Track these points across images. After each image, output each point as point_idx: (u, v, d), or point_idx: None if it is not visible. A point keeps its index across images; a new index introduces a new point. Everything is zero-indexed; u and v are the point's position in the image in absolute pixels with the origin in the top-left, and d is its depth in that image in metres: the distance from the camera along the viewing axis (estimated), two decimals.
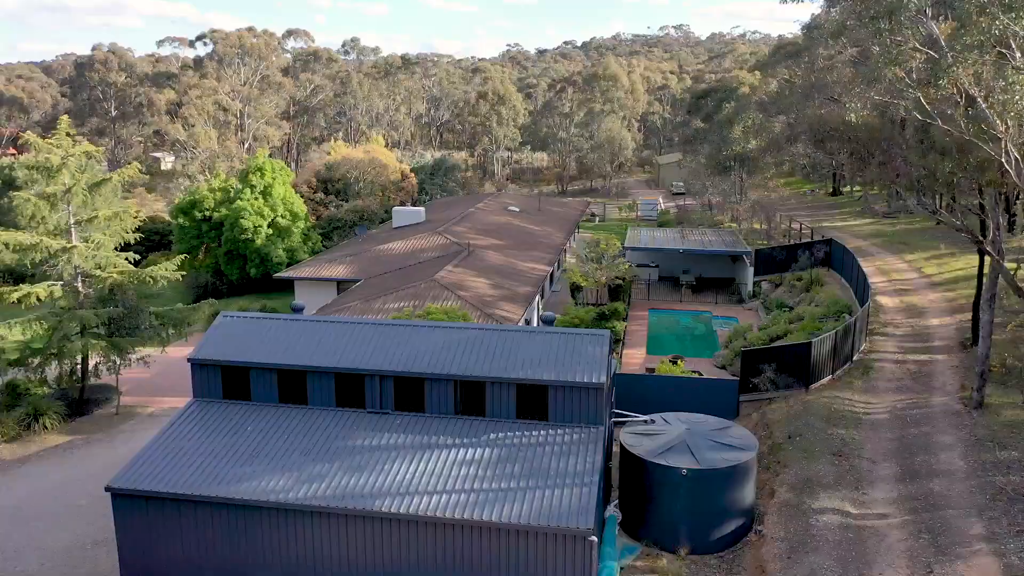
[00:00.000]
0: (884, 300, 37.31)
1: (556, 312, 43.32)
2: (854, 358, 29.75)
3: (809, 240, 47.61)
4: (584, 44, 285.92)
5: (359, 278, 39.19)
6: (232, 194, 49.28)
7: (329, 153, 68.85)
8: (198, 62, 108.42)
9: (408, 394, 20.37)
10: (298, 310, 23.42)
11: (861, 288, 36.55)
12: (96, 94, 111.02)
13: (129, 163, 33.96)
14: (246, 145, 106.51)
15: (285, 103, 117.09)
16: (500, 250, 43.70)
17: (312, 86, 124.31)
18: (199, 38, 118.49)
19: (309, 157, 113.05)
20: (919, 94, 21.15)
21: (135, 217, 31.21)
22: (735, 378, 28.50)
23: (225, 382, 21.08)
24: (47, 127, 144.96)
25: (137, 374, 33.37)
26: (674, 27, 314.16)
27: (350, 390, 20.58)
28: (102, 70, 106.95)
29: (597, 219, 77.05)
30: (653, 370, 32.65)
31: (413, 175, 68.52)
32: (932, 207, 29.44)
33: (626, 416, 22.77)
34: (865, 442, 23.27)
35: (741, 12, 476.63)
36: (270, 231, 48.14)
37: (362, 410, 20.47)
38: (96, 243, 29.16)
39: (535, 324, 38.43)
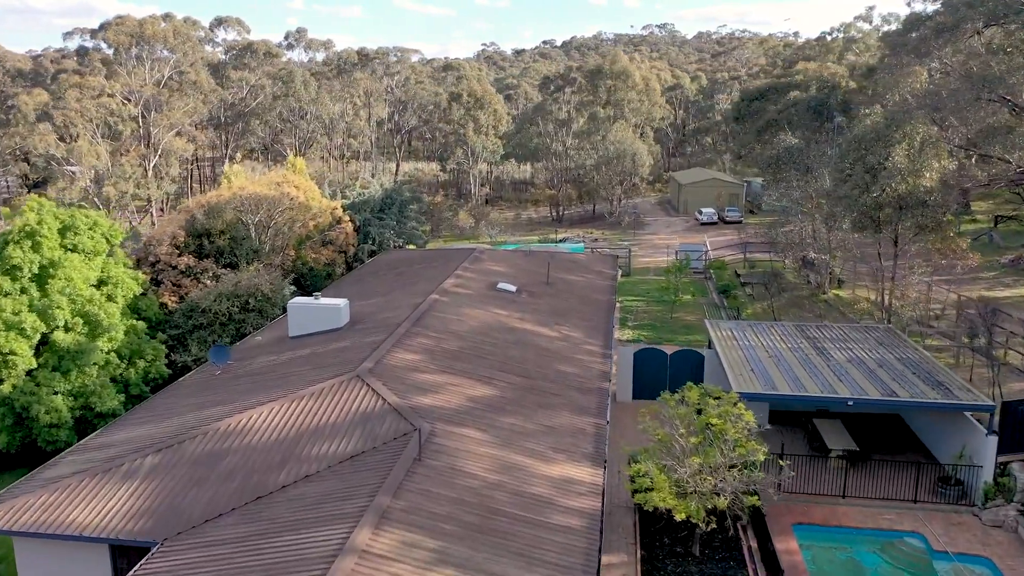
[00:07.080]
0: None
1: None
2: None
3: None
4: (564, 44, 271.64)
5: (152, 540, 16.00)
6: None
7: (220, 185, 45.31)
8: (82, 53, 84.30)
9: None
10: None
11: None
12: None
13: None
14: (152, 162, 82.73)
15: (208, 108, 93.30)
16: (487, 417, 20.76)
17: (248, 87, 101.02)
18: (103, 27, 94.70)
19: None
20: None
21: None
22: None
23: None
24: None
25: None
26: (658, 26, 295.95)
27: None
28: None
29: (620, 272, 54.12)
30: None
31: (349, 218, 45.16)
32: None
33: None
34: None
35: (715, 16, 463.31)
36: (42, 359, 24.82)
37: None
38: None
39: None
